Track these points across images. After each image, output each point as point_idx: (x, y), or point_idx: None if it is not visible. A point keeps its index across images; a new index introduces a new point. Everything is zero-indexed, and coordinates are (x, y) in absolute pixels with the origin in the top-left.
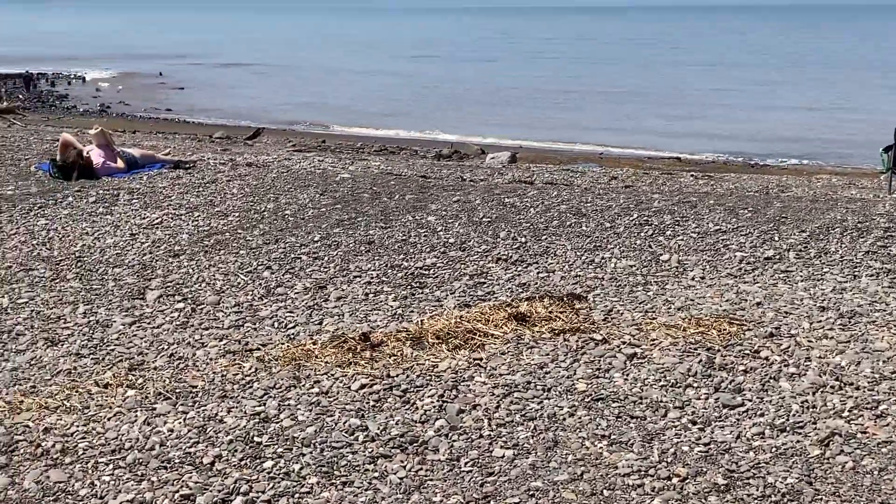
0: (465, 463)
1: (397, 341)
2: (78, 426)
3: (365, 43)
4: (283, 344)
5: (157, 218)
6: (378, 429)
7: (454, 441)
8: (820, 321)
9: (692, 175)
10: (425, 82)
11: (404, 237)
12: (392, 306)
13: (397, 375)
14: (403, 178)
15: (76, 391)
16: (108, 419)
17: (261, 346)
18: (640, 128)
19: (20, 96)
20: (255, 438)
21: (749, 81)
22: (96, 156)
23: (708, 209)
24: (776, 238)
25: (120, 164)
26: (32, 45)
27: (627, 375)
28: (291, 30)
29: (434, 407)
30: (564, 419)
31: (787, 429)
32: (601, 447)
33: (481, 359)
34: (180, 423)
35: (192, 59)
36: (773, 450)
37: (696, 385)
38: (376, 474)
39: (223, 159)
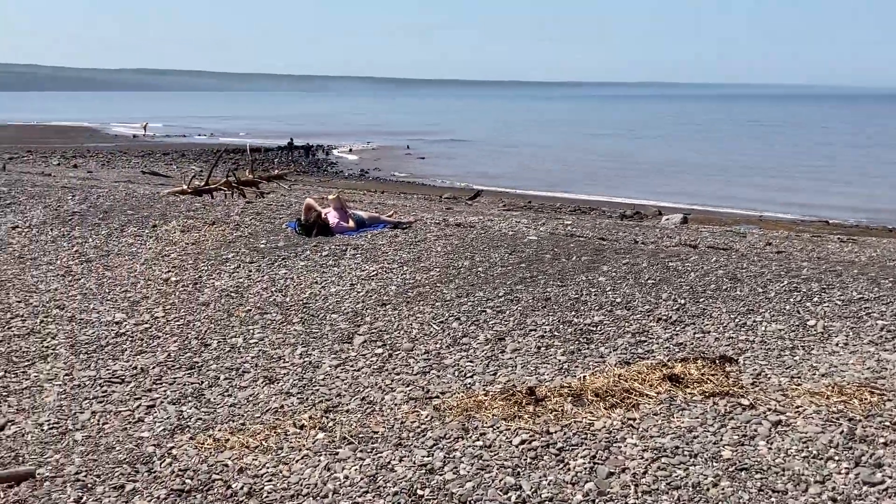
0: None
1: (559, 396)
2: (269, 467)
3: (571, 122)
4: (459, 393)
5: (373, 271)
6: (531, 489)
7: None
8: None
9: (839, 238)
10: (619, 154)
11: (577, 295)
12: (560, 360)
13: (555, 432)
14: (583, 240)
15: (275, 431)
16: (296, 461)
17: (440, 395)
18: (794, 195)
19: (302, 163)
20: (418, 491)
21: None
22: (332, 217)
23: (852, 278)
24: None
25: (351, 223)
26: (313, 123)
27: (771, 444)
28: (521, 113)
29: (585, 469)
30: (708, 489)
31: None
32: None
33: (635, 419)
34: (356, 469)
35: (433, 136)
36: None
37: (836, 458)
38: None
39: (437, 219)
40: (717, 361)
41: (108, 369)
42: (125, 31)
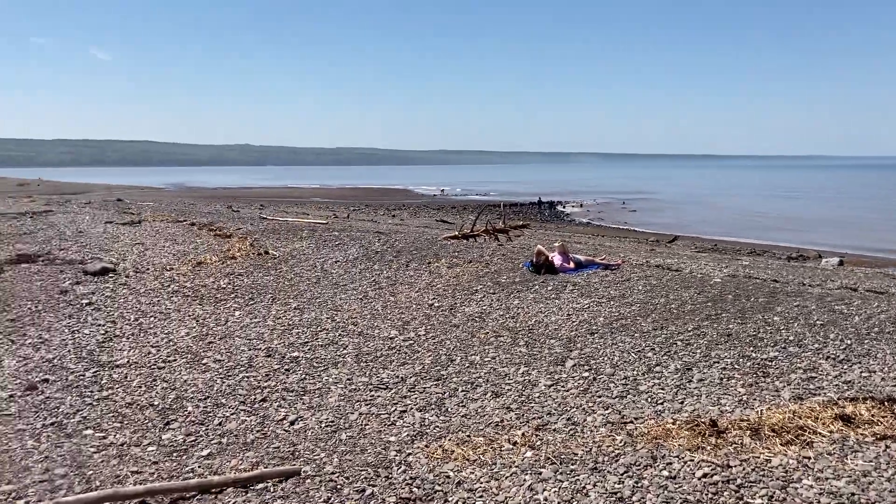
0: None
1: (739, 430)
2: (482, 482)
3: (753, 186)
4: (650, 420)
5: (586, 304)
6: None
7: None
8: None
9: None
10: (787, 208)
11: (755, 332)
12: (739, 392)
13: (735, 466)
14: (759, 281)
15: (492, 446)
16: (506, 478)
17: (634, 420)
18: None
19: (545, 214)
20: None
21: None
22: (557, 259)
23: None
24: None
25: (571, 265)
26: (555, 186)
27: None
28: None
29: None
30: None
31: None
32: None
33: (809, 457)
34: (555, 492)
35: (644, 195)
36: None
37: None
38: None
39: (640, 261)
40: (886, 403)
41: (378, 377)
42: (436, 121)
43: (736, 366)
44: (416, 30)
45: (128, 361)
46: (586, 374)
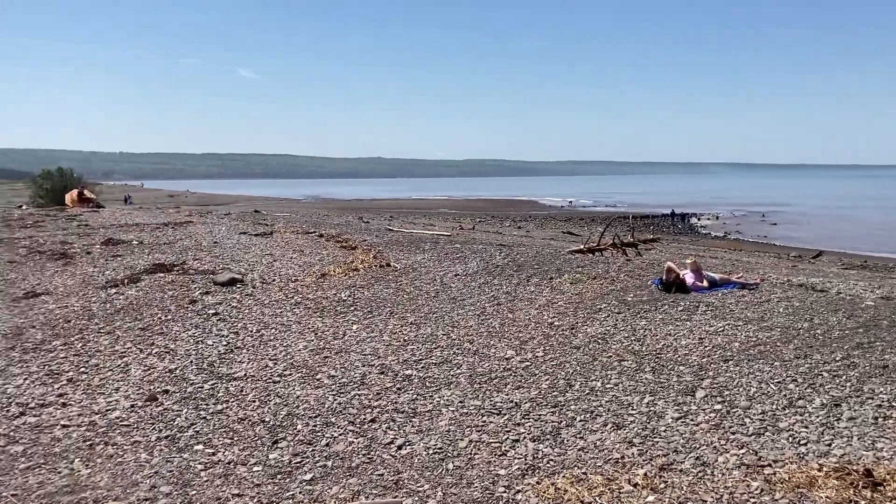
0: None
1: None
2: None
3: (875, 197)
4: (792, 464)
5: (720, 327)
6: None
7: None
8: None
9: None
10: None
11: None
12: None
13: None
14: None
15: (610, 487)
16: None
17: (772, 463)
18: None
19: (678, 226)
20: None
21: None
22: (689, 277)
23: None
24: None
25: (705, 283)
26: (689, 197)
27: None
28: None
29: None
30: None
31: None
32: None
33: None
34: None
35: (785, 208)
36: None
37: None
38: None
39: (781, 279)
40: None
41: (491, 401)
42: (564, 132)
43: (894, 403)
44: (543, 43)
45: (245, 374)
46: (719, 406)
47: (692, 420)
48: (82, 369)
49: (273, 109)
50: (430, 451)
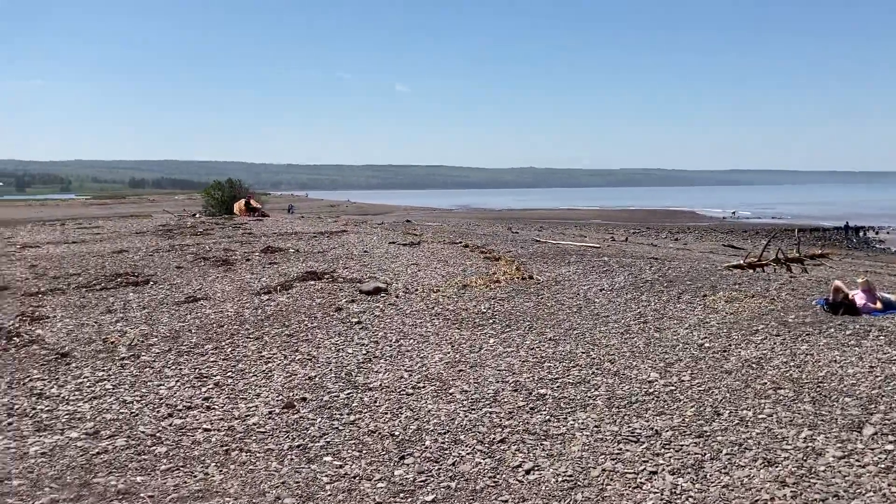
0: None
1: None
2: None
3: None
4: None
5: (895, 355)
6: None
7: None
8: None
9: None
10: None
11: None
12: None
13: None
14: None
15: None
16: None
17: None
18: None
19: (852, 240)
20: None
21: None
22: (859, 298)
23: None
24: None
25: (879, 305)
26: (865, 208)
27: None
28: None
29: None
30: None
31: None
32: None
33: None
34: None
35: None
36: None
37: None
38: None
39: None
40: None
41: (629, 426)
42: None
43: None
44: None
45: (380, 385)
46: (890, 446)
47: (857, 461)
48: (229, 374)
49: (425, 122)
50: (560, 479)
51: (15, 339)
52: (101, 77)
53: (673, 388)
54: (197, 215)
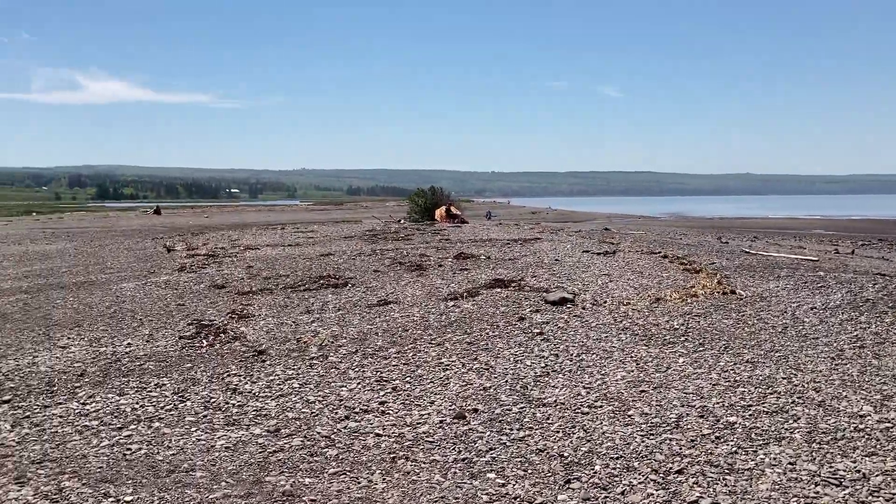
0: None
1: None
2: None
3: None
4: None
5: None
6: None
7: None
8: None
9: None
10: None
11: None
12: None
13: None
14: None
15: None
16: None
17: None
18: None
19: None
20: None
21: None
22: None
23: None
24: None
25: None
26: None
27: None
28: None
29: None
30: None
31: None
32: None
33: None
34: None
35: None
36: None
37: None
38: None
39: None
40: None
41: (830, 466)
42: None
43: None
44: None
45: (555, 401)
46: None
47: None
48: (407, 379)
49: (636, 127)
50: None
51: (221, 335)
52: (331, 93)
53: (889, 425)
54: (401, 221)
